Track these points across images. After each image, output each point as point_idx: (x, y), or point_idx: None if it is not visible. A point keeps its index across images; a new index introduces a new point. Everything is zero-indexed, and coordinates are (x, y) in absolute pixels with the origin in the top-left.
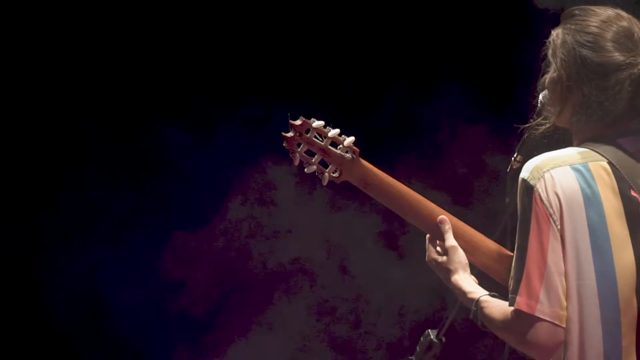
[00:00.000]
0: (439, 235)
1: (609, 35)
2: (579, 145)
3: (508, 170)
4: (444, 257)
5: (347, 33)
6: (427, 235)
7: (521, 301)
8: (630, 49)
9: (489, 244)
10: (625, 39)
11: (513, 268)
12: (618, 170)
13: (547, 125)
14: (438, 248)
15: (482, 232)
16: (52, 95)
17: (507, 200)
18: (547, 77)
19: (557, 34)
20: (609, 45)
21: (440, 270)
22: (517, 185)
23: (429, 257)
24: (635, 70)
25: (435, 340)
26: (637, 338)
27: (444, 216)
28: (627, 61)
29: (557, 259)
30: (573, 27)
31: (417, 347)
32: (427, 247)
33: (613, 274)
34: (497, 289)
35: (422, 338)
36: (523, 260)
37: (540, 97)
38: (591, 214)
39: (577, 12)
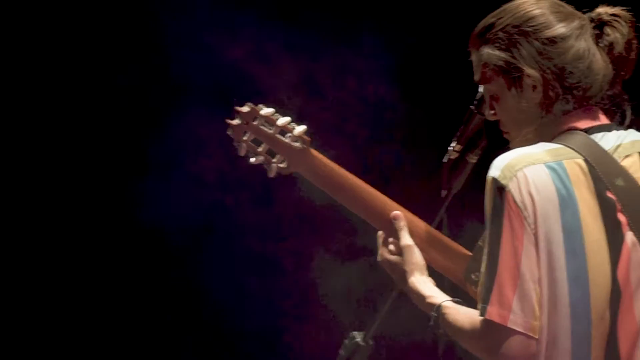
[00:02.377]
0: (393, 233)
1: (547, 10)
2: (549, 141)
3: (445, 161)
4: (399, 257)
5: None
6: (379, 233)
7: (492, 311)
8: (571, 13)
9: (446, 242)
10: (560, 7)
11: (483, 274)
12: (594, 168)
13: (513, 139)
14: (392, 246)
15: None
16: None
17: (444, 193)
18: (510, 98)
19: (489, 52)
20: (554, 18)
21: (394, 272)
22: (487, 186)
23: (382, 256)
24: (593, 23)
25: (362, 343)
26: (606, 353)
27: (398, 212)
28: (579, 23)
29: (531, 265)
30: (507, 27)
31: (341, 351)
32: (378, 245)
33: (586, 282)
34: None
35: (346, 341)
36: (495, 266)
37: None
38: (566, 217)
39: (491, 20)
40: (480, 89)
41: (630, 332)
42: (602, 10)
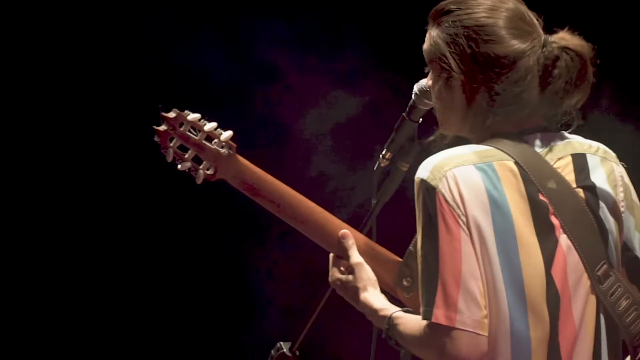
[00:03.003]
0: (341, 250)
1: (502, 22)
2: (479, 143)
3: (375, 168)
4: (350, 276)
5: None
6: (330, 255)
7: (439, 313)
8: (529, 32)
9: (378, 250)
10: (520, 22)
11: (422, 278)
12: (525, 171)
13: (450, 136)
14: (341, 267)
15: None
16: None
17: (374, 201)
18: (440, 85)
19: (437, 35)
20: (506, 33)
21: (347, 290)
22: (416, 188)
23: (334, 277)
24: (543, 52)
25: (288, 353)
26: (548, 357)
27: (346, 231)
28: (530, 45)
29: (472, 264)
30: (458, 23)
31: None
32: (330, 266)
33: (521, 284)
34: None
35: (272, 352)
36: (435, 268)
37: (416, 89)
38: (497, 218)
39: (452, 6)
40: (413, 96)
41: (570, 335)
42: (560, 38)
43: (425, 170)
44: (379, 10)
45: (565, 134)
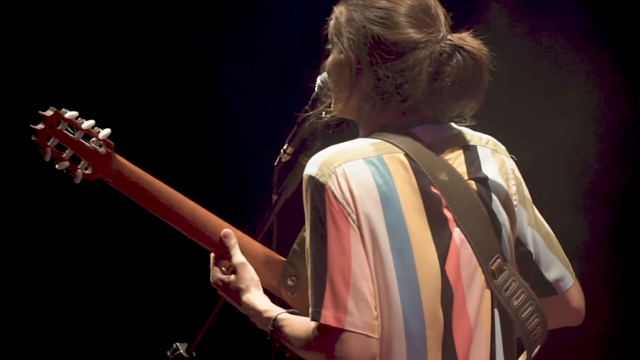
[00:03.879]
0: (223, 250)
1: (402, 9)
2: (368, 136)
3: (276, 163)
4: (232, 276)
5: None
6: (211, 254)
7: (328, 315)
8: (428, 24)
9: (257, 248)
10: (421, 13)
11: (311, 278)
12: (416, 163)
13: (331, 115)
14: (223, 267)
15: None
16: None
17: (274, 197)
18: (330, 60)
19: (340, 11)
20: (404, 20)
21: (229, 291)
22: (304, 185)
23: (215, 277)
24: (436, 48)
25: (185, 355)
26: (443, 355)
27: (228, 230)
28: (426, 38)
29: (362, 264)
30: (360, 2)
31: None
32: (211, 266)
33: (415, 281)
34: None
35: (168, 353)
36: (323, 267)
37: (319, 81)
38: (389, 214)
39: None
40: (316, 88)
41: (465, 331)
42: (459, 38)
43: (313, 167)
44: None
45: (454, 125)
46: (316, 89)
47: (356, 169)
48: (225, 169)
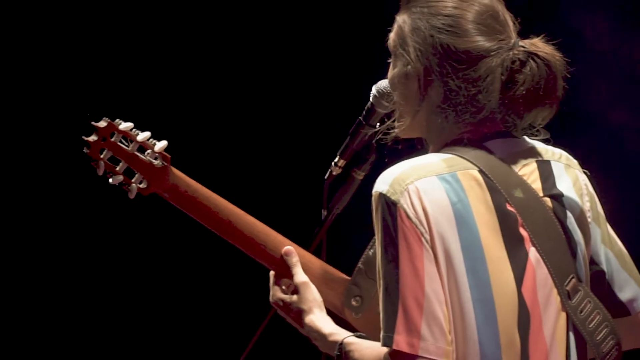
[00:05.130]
0: (284, 269)
1: (470, 16)
2: (438, 151)
3: (326, 177)
4: (294, 296)
5: None
6: (271, 272)
7: (401, 340)
8: (499, 31)
9: (319, 266)
10: (490, 20)
11: (382, 301)
12: (490, 179)
13: (399, 130)
14: (284, 285)
15: None
16: None
17: (324, 213)
18: (395, 73)
19: (403, 21)
20: (473, 28)
21: (290, 312)
22: (374, 202)
23: (275, 297)
24: (508, 55)
25: None
26: None
27: (290, 247)
28: (497, 46)
29: (435, 286)
30: (425, 10)
31: None
32: (271, 285)
33: (492, 303)
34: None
35: None
36: (395, 290)
37: (374, 91)
38: (464, 233)
39: None
40: (371, 98)
41: (541, 356)
42: (531, 44)
43: (384, 184)
44: None
45: (527, 139)
46: (371, 98)
47: (429, 186)
48: (273, 181)
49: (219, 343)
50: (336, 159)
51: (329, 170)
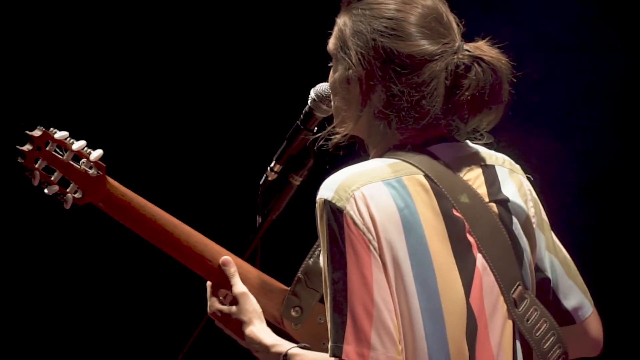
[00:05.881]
0: (222, 280)
1: (413, 18)
2: (381, 155)
3: (262, 182)
4: (233, 307)
5: None
6: (208, 283)
7: (350, 350)
8: (443, 34)
9: (257, 276)
10: (434, 22)
11: (329, 311)
12: (436, 184)
13: (340, 135)
14: (221, 297)
15: None
16: None
17: (259, 219)
18: (337, 77)
19: (344, 23)
20: (416, 31)
21: (229, 324)
22: (319, 210)
23: (213, 307)
24: (453, 59)
25: None
26: None
27: (227, 257)
28: (441, 49)
29: (384, 294)
30: (367, 12)
31: None
32: (208, 296)
33: (440, 312)
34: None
35: None
36: (343, 299)
37: (313, 94)
38: (411, 240)
39: None
40: (309, 102)
41: None
42: (476, 47)
43: (329, 190)
44: None
45: (470, 143)
46: (309, 102)
47: (376, 192)
48: (205, 186)
49: (154, 354)
50: (272, 164)
51: (265, 175)
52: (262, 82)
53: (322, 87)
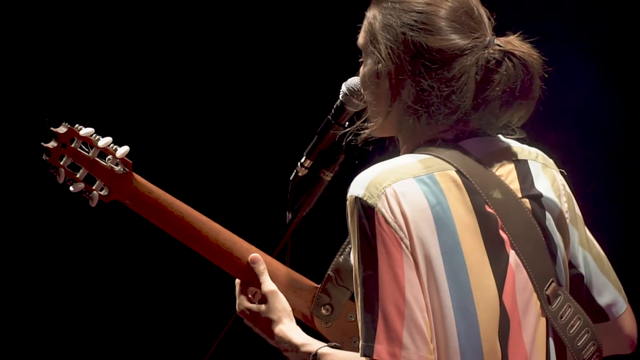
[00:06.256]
0: (251, 278)
1: (443, 12)
2: (412, 151)
3: (292, 178)
4: (262, 306)
5: None
6: (237, 281)
7: (381, 350)
8: (473, 28)
9: (287, 274)
10: (465, 16)
11: (360, 309)
12: (469, 180)
13: (370, 130)
14: (251, 294)
15: None
16: None
17: (289, 215)
18: (366, 71)
19: (373, 17)
20: (447, 25)
21: (258, 322)
22: (349, 207)
23: (242, 306)
24: (483, 54)
25: None
26: None
27: (256, 255)
28: (471, 44)
29: (416, 292)
30: (397, 5)
31: None
32: (237, 294)
33: (473, 310)
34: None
35: None
36: (375, 297)
37: (344, 88)
38: (443, 237)
39: None
40: (340, 96)
41: None
42: (507, 42)
43: (359, 187)
44: None
45: (502, 138)
46: (341, 96)
47: (407, 188)
48: (234, 183)
49: (181, 353)
50: (302, 159)
51: (295, 171)
52: (294, 76)
53: (354, 81)
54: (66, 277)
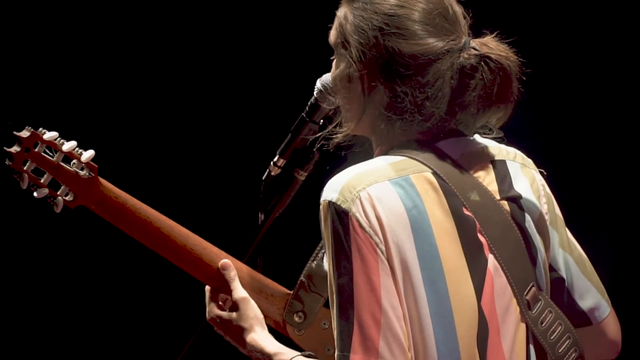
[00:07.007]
0: (222, 284)
1: (416, 15)
2: (386, 153)
3: (264, 178)
4: (233, 313)
5: None
6: (207, 287)
7: (357, 359)
8: (448, 31)
9: (258, 280)
10: (439, 18)
11: (335, 318)
12: (446, 182)
13: (343, 134)
14: (220, 302)
15: None
16: None
17: (261, 217)
18: (338, 73)
19: (344, 16)
20: (420, 28)
21: (229, 330)
22: (323, 212)
23: (212, 313)
24: (458, 58)
25: None
26: None
27: (227, 260)
28: (446, 47)
29: (392, 300)
30: (367, 6)
31: None
32: (207, 301)
33: (451, 317)
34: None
35: None
36: (350, 305)
37: (319, 85)
38: (420, 242)
39: None
40: (315, 93)
41: None
42: (482, 44)
43: (333, 191)
44: None
45: (479, 138)
46: (315, 93)
47: (382, 192)
48: (204, 184)
49: None
50: (275, 158)
51: (267, 170)
52: (262, 73)
53: (329, 77)
54: (32, 283)
